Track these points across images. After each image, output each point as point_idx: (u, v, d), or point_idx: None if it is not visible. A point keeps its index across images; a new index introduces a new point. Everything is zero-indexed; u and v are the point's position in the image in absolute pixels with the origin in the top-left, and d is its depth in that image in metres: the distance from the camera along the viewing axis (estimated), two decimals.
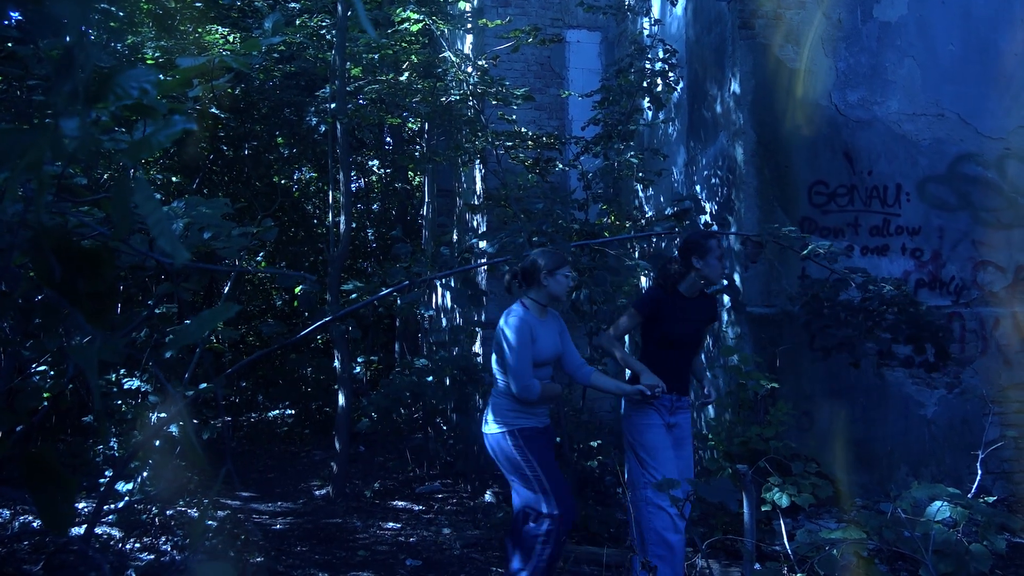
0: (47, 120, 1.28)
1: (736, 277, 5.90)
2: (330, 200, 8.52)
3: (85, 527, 3.86)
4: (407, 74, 7.32)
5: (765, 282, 5.87)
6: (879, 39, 6.09)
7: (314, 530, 5.99)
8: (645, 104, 6.76)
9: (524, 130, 7.49)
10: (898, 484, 5.69)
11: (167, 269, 2.53)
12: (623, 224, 7.19)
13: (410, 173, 14.40)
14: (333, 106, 7.01)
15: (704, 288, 4.18)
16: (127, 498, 5.03)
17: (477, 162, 8.06)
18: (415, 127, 12.36)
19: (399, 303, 4.69)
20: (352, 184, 10.66)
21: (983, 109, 6.19)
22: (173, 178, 10.71)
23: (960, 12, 6.20)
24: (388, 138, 14.52)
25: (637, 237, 6.43)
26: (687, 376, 4.14)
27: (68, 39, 1.22)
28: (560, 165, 7.53)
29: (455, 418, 8.03)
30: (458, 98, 7.20)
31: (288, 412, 10.77)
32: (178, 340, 1.37)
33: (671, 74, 6.48)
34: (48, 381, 3.68)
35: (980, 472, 4.55)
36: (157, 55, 7.45)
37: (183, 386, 4.98)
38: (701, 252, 4.01)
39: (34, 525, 5.32)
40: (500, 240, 4.96)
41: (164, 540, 5.22)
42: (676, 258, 4.15)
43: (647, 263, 5.58)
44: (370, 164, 15.23)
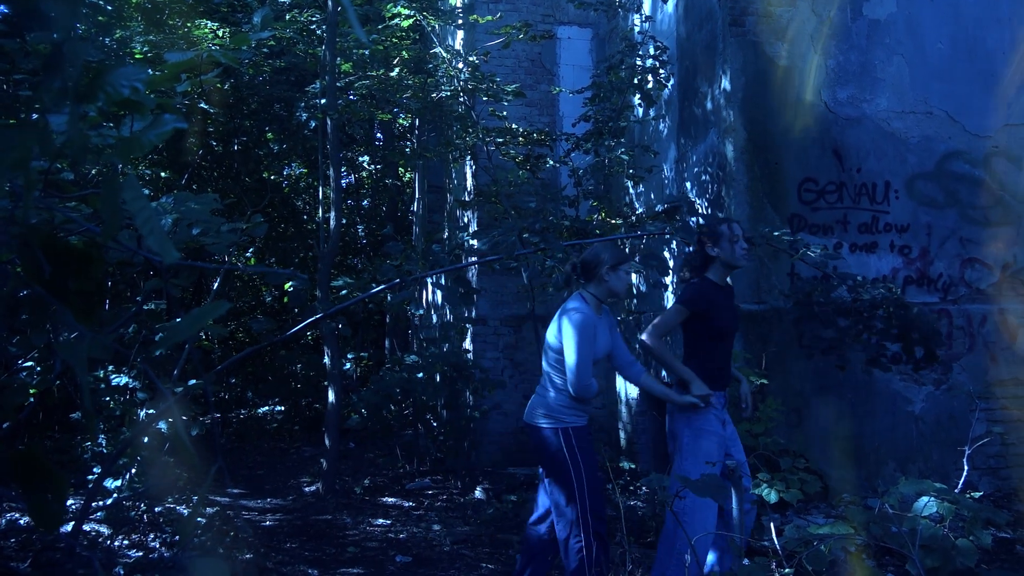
0: (35, 116, 1.27)
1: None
2: (320, 196, 8.49)
3: (73, 524, 3.84)
4: (397, 70, 7.29)
5: (755, 279, 5.88)
6: (869, 37, 6.11)
7: (304, 527, 5.98)
8: (636, 101, 6.77)
9: (515, 126, 7.48)
10: (886, 480, 5.73)
11: (156, 265, 2.51)
12: (613, 221, 7.20)
13: (401, 169, 14.36)
14: (323, 101, 6.98)
15: (728, 274, 4.16)
16: (116, 495, 5.01)
17: (468, 158, 8.05)
18: (406, 123, 12.34)
19: (389, 300, 4.67)
20: (342, 180, 10.63)
21: (971, 107, 6.22)
22: (162, 173, 10.66)
23: (949, 10, 6.23)
24: (378, 134, 14.48)
25: (629, 237, 6.44)
26: (731, 367, 4.14)
27: (57, 34, 1.21)
28: (551, 161, 7.52)
29: (445, 414, 8.03)
30: (449, 94, 7.19)
31: (278, 408, 10.74)
32: (168, 338, 1.36)
33: (662, 71, 6.49)
34: (35, 377, 3.65)
35: (967, 468, 4.58)
36: (146, 50, 7.40)
37: (172, 383, 4.95)
38: (714, 239, 4.00)
39: (21, 522, 5.30)
40: (492, 238, 4.95)
41: (153, 537, 5.21)
42: (695, 252, 4.13)
43: (638, 263, 5.59)
44: (360, 160, 15.19)
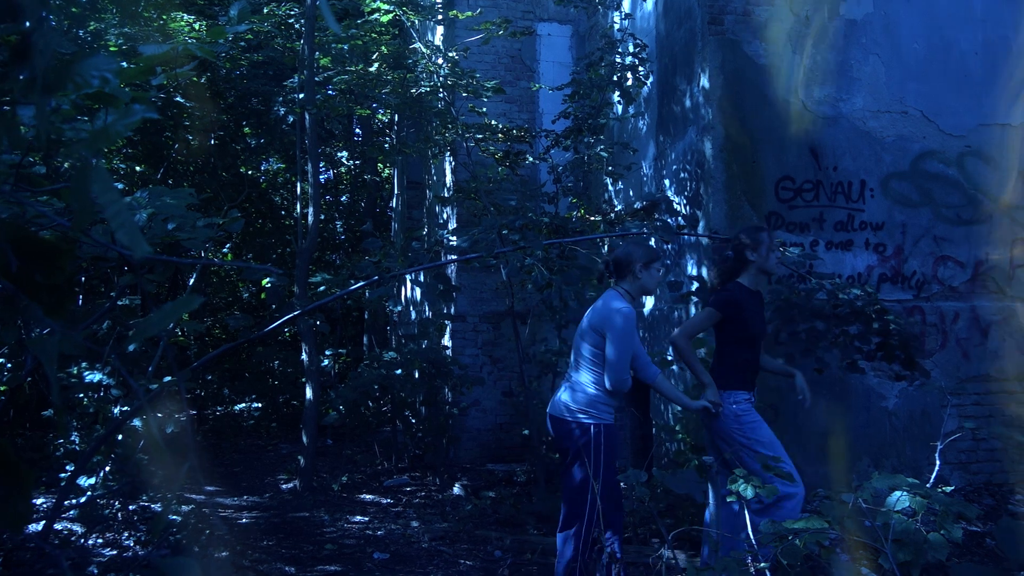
0: (4, 108, 1.25)
1: (704, 272, 5.95)
2: (298, 191, 8.43)
3: (44, 523, 3.79)
4: (377, 65, 7.25)
5: None
6: (846, 36, 6.17)
7: (281, 524, 5.94)
8: (615, 98, 6.78)
9: (494, 123, 7.47)
10: (860, 475, 5.80)
11: (130, 261, 2.48)
12: (592, 218, 7.22)
13: (380, 165, 14.30)
14: (301, 96, 6.93)
15: (760, 281, 4.13)
16: (89, 493, 4.94)
17: (447, 154, 8.02)
18: (385, 119, 12.28)
19: (367, 296, 4.65)
20: (321, 175, 10.56)
21: (945, 107, 6.30)
22: (137, 167, 10.53)
23: (924, 11, 6.30)
24: (357, 129, 14.41)
25: (610, 235, 6.46)
26: (759, 369, 4.12)
27: (26, 24, 1.19)
28: (530, 158, 7.53)
29: (424, 411, 8.01)
30: (428, 90, 7.16)
31: (255, 405, 10.66)
32: (141, 333, 1.34)
33: (641, 68, 6.51)
34: (5, 374, 3.60)
35: (939, 463, 4.64)
36: (120, 42, 7.30)
37: (146, 380, 4.90)
38: (755, 245, 4.00)
39: None
40: (472, 236, 4.95)
41: (127, 535, 5.15)
42: (729, 256, 4.10)
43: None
44: (339, 155, 15.11)
